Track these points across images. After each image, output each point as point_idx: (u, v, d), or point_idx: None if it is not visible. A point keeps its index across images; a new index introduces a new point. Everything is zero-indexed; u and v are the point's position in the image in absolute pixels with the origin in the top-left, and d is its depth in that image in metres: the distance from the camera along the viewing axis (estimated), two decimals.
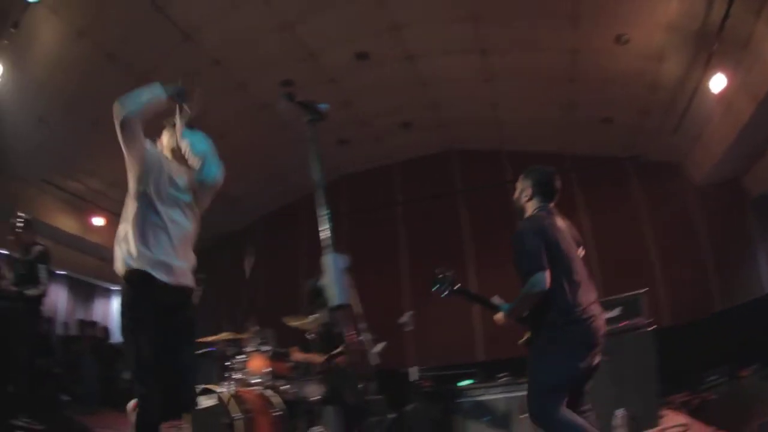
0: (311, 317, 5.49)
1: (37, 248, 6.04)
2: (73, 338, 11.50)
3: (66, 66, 7.47)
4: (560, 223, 3.68)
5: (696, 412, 5.48)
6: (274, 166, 10.78)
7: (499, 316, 3.54)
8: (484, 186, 10.17)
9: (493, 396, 5.90)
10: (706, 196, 8.81)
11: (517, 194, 3.83)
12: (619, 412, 4.96)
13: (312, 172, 1.55)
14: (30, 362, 6.87)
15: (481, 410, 5.79)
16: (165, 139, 3.55)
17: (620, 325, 5.50)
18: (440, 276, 3.67)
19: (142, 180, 3.25)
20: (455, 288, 3.67)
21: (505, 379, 6.22)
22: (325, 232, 1.45)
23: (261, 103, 8.73)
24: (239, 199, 11.58)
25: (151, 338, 2.88)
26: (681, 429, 4.82)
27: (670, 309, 8.73)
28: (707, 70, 6.70)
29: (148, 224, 3.16)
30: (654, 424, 5.06)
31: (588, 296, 3.40)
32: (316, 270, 1.48)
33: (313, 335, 5.53)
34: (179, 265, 3.18)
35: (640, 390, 5.18)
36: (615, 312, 5.56)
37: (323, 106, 1.73)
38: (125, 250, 3.14)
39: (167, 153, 3.53)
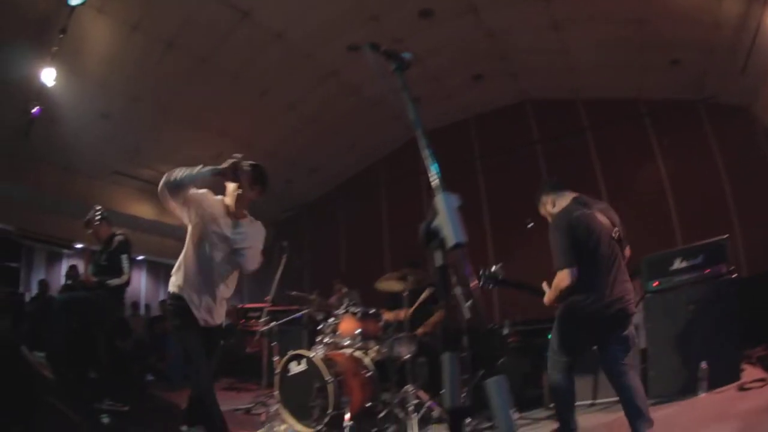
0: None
1: (117, 238, 6.06)
2: (156, 318, 11.97)
3: (124, 60, 7.67)
4: (592, 210, 3.85)
5: None
6: (347, 134, 10.89)
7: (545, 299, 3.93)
8: (562, 136, 9.97)
9: None
10: None
11: (544, 212, 4.11)
12: (703, 364, 4.83)
13: (409, 116, 1.52)
14: (111, 346, 7.15)
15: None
16: (230, 188, 3.86)
17: (703, 273, 5.29)
18: (483, 273, 4.19)
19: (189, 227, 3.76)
20: (499, 279, 4.19)
21: None
22: (432, 173, 1.42)
23: (329, 71, 8.78)
24: (316, 169, 11.89)
25: (192, 334, 3.63)
26: (761, 384, 4.62)
27: (747, 259, 8.35)
28: (766, 7, 6.38)
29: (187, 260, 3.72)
30: (736, 378, 4.88)
31: (611, 282, 3.66)
32: (403, 229, 1.46)
33: (406, 293, 5.66)
34: (205, 302, 3.71)
35: (722, 341, 4.99)
36: (698, 260, 5.35)
37: (407, 55, 1.70)
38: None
39: (228, 200, 3.87)
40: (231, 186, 3.84)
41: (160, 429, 3.96)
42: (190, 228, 3.76)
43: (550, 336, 3.96)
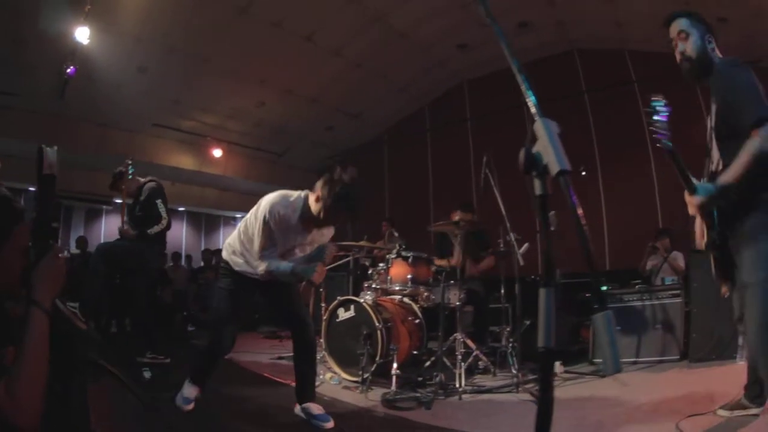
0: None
1: (148, 186, 6.00)
2: (199, 269, 12.17)
3: (160, 13, 7.57)
4: None
5: None
6: (393, 79, 10.68)
7: (695, 199, 2.67)
8: (609, 86, 9.65)
9: (630, 303, 5.72)
10: None
11: (689, 45, 2.88)
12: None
13: (501, 46, 1.41)
14: (153, 297, 7.17)
15: (618, 317, 5.63)
16: (313, 204, 3.68)
17: None
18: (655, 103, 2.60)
19: None
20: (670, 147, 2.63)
21: (639, 286, 6.01)
22: (529, 99, 1.32)
23: (374, 17, 8.53)
24: (359, 114, 11.75)
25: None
26: None
27: None
28: None
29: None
30: None
31: None
32: (449, 175, 1.37)
33: (458, 235, 5.52)
34: None
35: None
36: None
37: None
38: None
39: (314, 206, 3.66)
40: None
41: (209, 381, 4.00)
42: None
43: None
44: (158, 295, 9.17)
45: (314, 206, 3.63)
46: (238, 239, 3.89)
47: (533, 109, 1.30)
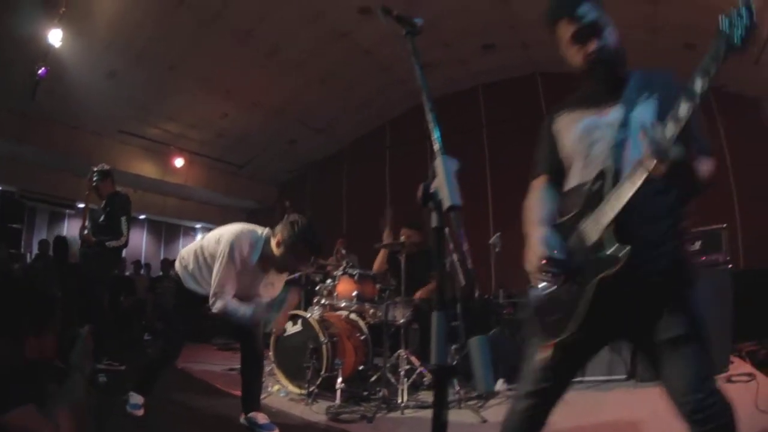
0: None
1: (118, 199, 6.09)
2: (157, 279, 12.09)
3: (133, 19, 7.62)
4: None
5: (761, 364, 5.21)
6: (356, 94, 10.84)
7: None
8: None
9: None
10: None
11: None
12: None
13: (417, 81, 1.56)
14: (114, 304, 7.20)
15: None
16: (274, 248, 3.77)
17: (699, 260, 5.30)
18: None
19: None
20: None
21: None
22: (434, 137, 1.46)
23: (339, 33, 8.71)
24: (322, 129, 11.87)
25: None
26: (747, 379, 4.66)
27: (745, 251, 8.37)
28: None
29: None
30: (724, 370, 4.88)
31: None
32: (407, 192, 1.51)
33: (403, 255, 5.62)
34: None
35: (714, 331, 4.96)
36: (694, 246, 5.34)
37: (418, 20, 1.73)
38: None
39: (276, 250, 3.75)
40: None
41: (155, 389, 4.08)
42: None
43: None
44: (120, 302, 9.12)
45: (276, 250, 3.73)
46: (194, 259, 3.94)
47: (436, 146, 1.43)
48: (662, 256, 1.93)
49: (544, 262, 1.91)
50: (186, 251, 4.08)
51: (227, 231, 3.85)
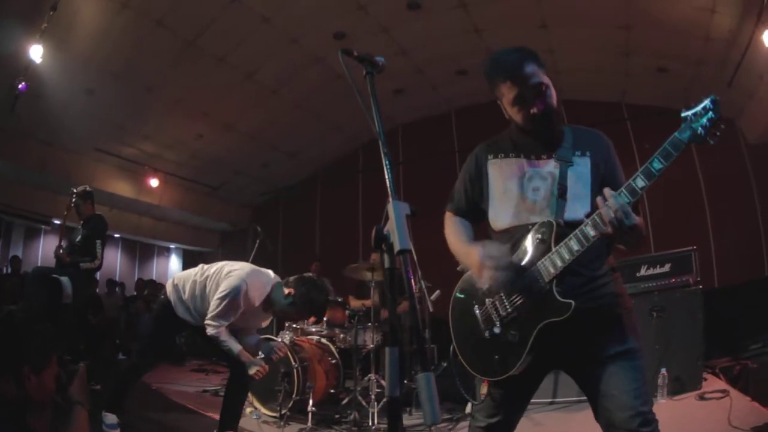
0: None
1: (94, 221, 6.13)
2: (131, 298, 11.98)
3: (112, 38, 7.63)
4: None
5: (735, 380, 5.31)
6: (329, 119, 10.88)
7: None
8: None
9: None
10: (760, 156, 8.53)
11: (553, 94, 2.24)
12: (663, 371, 4.92)
13: (371, 124, 1.63)
14: (83, 323, 7.18)
15: None
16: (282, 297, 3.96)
17: (669, 281, 5.40)
18: None
19: None
20: None
21: None
22: (387, 180, 1.53)
23: (314, 58, 8.77)
24: (296, 153, 11.90)
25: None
26: (721, 396, 4.76)
27: (719, 270, 8.49)
28: (759, 25, 6.47)
29: None
30: (697, 387, 4.99)
31: None
32: (378, 217, 1.57)
33: (373, 283, 5.74)
34: None
35: (685, 350, 5.09)
36: (664, 268, 5.47)
37: (380, 59, 1.80)
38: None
39: (284, 300, 3.94)
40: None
41: (131, 408, 4.09)
42: None
43: None
44: (89, 320, 9.01)
45: (283, 299, 3.90)
46: (192, 287, 4.03)
47: (389, 190, 1.49)
48: (598, 290, 2.04)
49: (493, 275, 1.99)
50: (182, 278, 4.14)
51: (241, 267, 3.96)
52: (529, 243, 2.08)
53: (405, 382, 5.52)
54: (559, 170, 2.12)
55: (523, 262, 2.07)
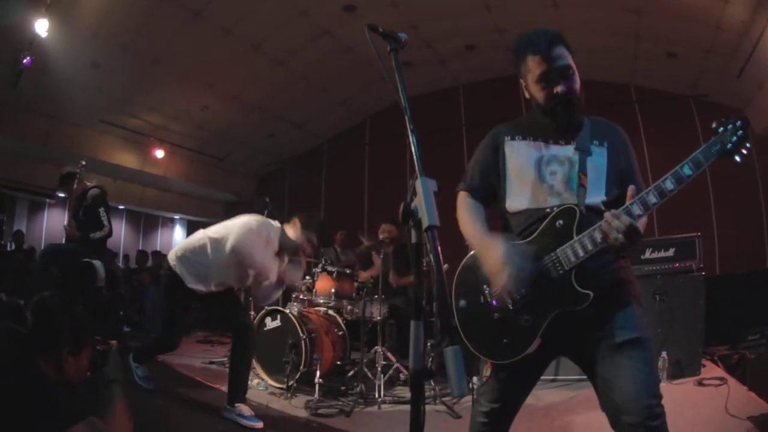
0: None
1: (91, 193, 6.10)
2: (134, 270, 12.00)
3: (119, 11, 7.61)
4: None
5: (733, 369, 5.33)
6: (337, 91, 10.88)
7: None
8: None
9: None
10: (766, 147, 8.53)
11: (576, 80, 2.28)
12: (664, 354, 4.98)
13: (398, 99, 1.65)
14: (97, 296, 7.26)
15: None
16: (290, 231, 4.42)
17: (673, 266, 5.45)
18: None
19: None
20: None
21: None
22: (414, 156, 1.56)
23: (323, 29, 8.74)
24: (302, 124, 11.91)
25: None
26: (719, 383, 4.80)
27: (720, 258, 8.54)
28: None
29: None
30: (695, 373, 5.05)
31: None
32: (384, 189, 1.58)
33: (384, 252, 5.82)
34: None
35: (686, 335, 5.15)
36: (668, 252, 5.52)
37: (403, 36, 1.80)
38: None
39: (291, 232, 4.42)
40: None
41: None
42: None
43: None
44: (103, 294, 9.08)
45: (291, 232, 4.34)
46: (200, 252, 4.17)
47: (416, 166, 1.51)
48: (612, 276, 2.05)
49: (511, 282, 1.94)
50: (184, 247, 4.28)
51: (247, 217, 4.29)
52: (548, 227, 2.07)
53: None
54: (578, 157, 2.13)
55: (541, 247, 2.04)
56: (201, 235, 4.26)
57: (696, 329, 5.17)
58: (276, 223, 4.37)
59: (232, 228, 4.16)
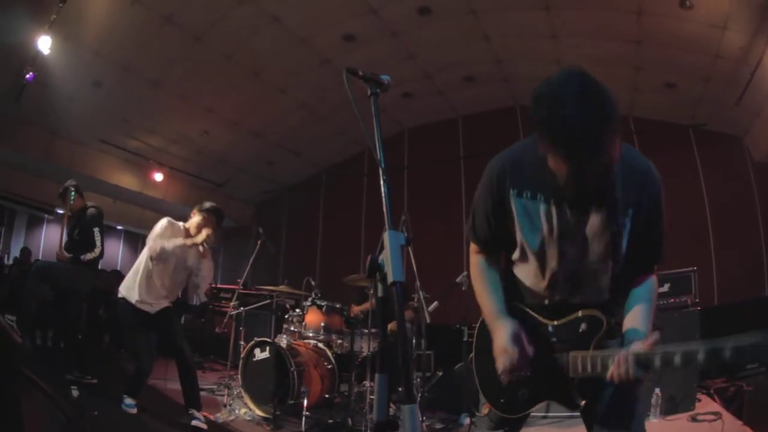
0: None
1: (90, 212, 6.09)
2: None
3: (121, 32, 7.68)
4: None
5: (729, 401, 5.28)
6: (336, 120, 10.84)
7: None
8: None
9: None
10: (765, 174, 8.51)
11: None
12: (657, 391, 4.92)
13: (372, 148, 1.63)
14: (94, 318, 7.26)
15: None
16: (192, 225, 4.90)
17: (668, 301, 5.42)
18: None
19: None
20: None
21: None
22: (384, 208, 1.54)
23: (322, 59, 8.79)
24: (300, 153, 11.93)
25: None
26: (713, 418, 4.74)
27: (719, 287, 8.45)
28: None
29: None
30: (690, 408, 4.99)
31: None
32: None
33: (372, 289, 5.74)
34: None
35: (680, 370, 4.92)
36: (663, 288, 5.45)
37: (385, 78, 1.78)
38: None
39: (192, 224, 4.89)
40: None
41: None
42: None
43: None
44: (99, 315, 9.02)
45: (192, 225, 4.84)
46: (137, 273, 4.77)
47: (386, 220, 1.49)
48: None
49: (509, 370, 1.89)
50: (126, 280, 4.87)
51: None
52: (569, 324, 1.92)
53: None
54: (607, 238, 1.84)
55: (555, 339, 1.92)
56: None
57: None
58: (180, 223, 4.89)
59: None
